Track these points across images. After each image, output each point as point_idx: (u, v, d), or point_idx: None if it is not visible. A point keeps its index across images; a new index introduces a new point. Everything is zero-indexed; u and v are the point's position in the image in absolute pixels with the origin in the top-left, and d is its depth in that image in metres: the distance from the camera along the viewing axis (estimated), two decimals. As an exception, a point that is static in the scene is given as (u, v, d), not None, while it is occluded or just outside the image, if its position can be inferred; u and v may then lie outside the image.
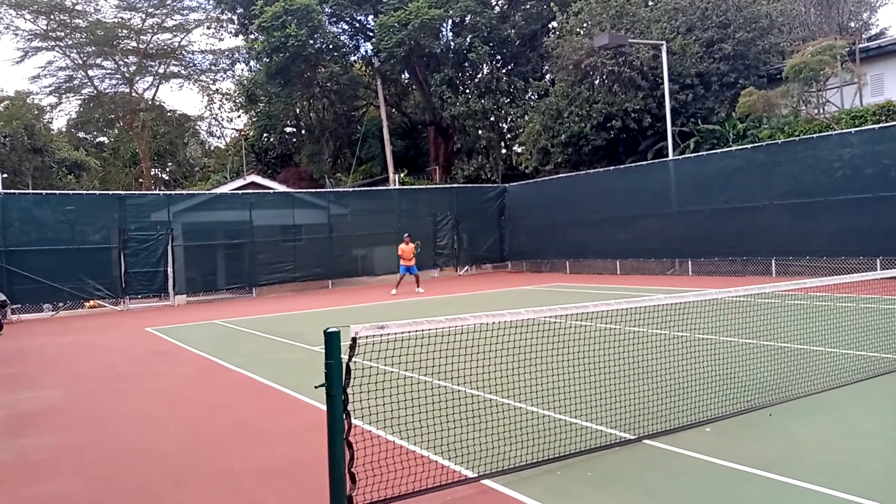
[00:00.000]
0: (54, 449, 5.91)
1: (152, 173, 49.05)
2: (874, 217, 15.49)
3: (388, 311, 15.40)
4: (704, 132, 22.36)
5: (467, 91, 30.47)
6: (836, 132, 16.99)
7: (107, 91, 45.74)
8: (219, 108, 60.41)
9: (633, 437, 5.14)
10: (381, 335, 4.06)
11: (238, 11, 34.78)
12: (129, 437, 6.16)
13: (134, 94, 46.31)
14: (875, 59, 21.20)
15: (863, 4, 28.04)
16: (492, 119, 30.49)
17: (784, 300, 11.78)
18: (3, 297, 16.49)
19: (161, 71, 46.00)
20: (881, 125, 16.19)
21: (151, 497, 4.66)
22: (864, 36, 26.61)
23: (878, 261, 15.35)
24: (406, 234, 20.30)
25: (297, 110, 39.18)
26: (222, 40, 75.90)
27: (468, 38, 29.61)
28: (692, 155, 20.98)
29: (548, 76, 30.31)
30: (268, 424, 6.34)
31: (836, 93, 20.79)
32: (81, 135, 50.22)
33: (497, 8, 31.91)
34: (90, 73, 44.34)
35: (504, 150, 33.02)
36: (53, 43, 41.91)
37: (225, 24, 40.23)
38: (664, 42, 21.64)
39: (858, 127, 16.98)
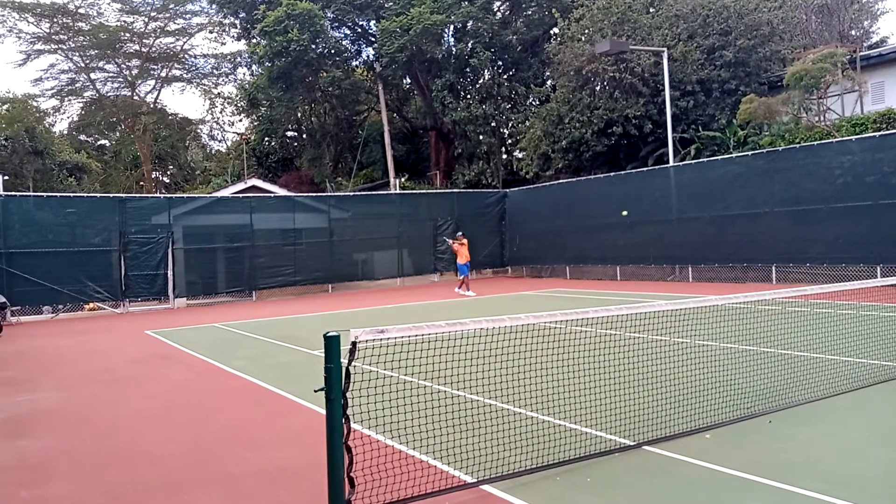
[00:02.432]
0: (52, 452, 5.89)
1: (153, 176, 49.08)
2: (874, 224, 15.50)
3: (388, 315, 15.39)
4: (705, 139, 22.39)
5: (468, 96, 30.53)
6: (837, 140, 17.01)
7: (109, 94, 45.84)
8: (220, 112, 60.72)
9: (632, 444, 5.13)
10: (380, 339, 4.06)
11: (240, 16, 34.90)
12: (127, 441, 6.15)
13: (136, 98, 46.42)
14: (876, 66, 21.24)
15: (864, 13, 28.13)
16: (493, 124, 30.54)
17: (784, 307, 11.77)
18: (3, 299, 16.49)
19: (163, 74, 46.13)
20: (882, 133, 16.22)
21: (149, 501, 4.65)
22: (864, 44, 26.66)
23: (878, 268, 15.36)
24: (459, 233, 21.32)
25: (299, 114, 39.25)
26: (224, 44, 75.91)
27: (470, 44, 29.68)
28: (693, 161, 20.98)
29: (549, 82, 30.37)
30: (267, 428, 6.33)
31: (837, 100, 20.84)
32: (83, 138, 50.30)
33: (499, 14, 31.98)
34: (92, 76, 44.43)
35: (505, 156, 33.02)
36: (56, 46, 41.97)
37: (227, 29, 40.43)
38: (665, 49, 21.69)
39: (859, 134, 17.02)
